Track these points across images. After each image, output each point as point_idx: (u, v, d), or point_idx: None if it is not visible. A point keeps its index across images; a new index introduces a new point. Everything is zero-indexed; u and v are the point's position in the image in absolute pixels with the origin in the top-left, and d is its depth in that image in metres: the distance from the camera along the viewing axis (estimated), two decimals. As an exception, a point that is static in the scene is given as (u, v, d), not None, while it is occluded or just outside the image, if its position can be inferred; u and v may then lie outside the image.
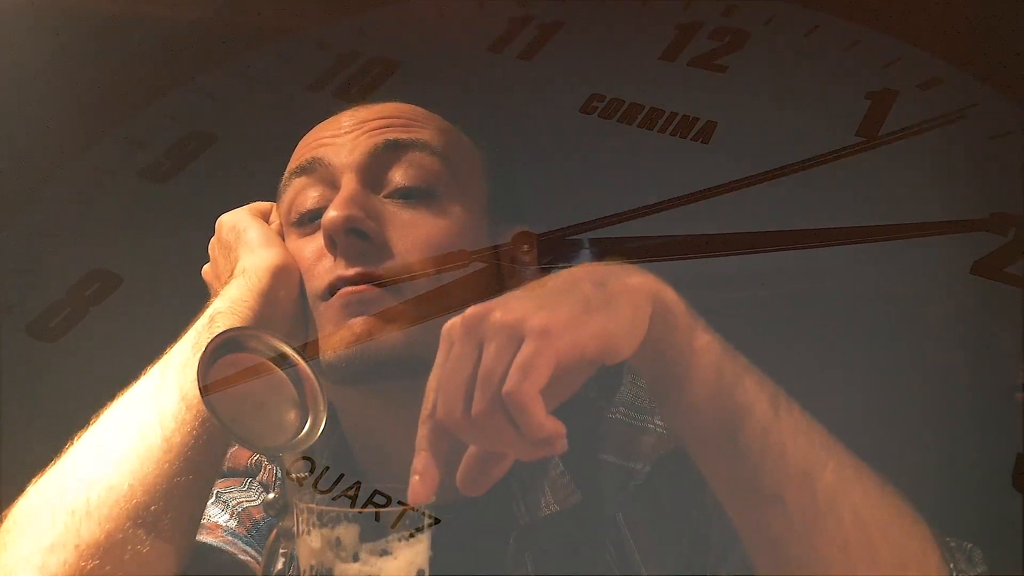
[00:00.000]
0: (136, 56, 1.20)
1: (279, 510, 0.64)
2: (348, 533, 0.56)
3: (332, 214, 0.71)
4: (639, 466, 0.70)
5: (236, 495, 0.77)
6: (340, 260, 0.72)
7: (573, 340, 0.52)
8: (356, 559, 0.56)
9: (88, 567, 0.59)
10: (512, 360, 0.51)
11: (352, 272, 0.71)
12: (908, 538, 0.58)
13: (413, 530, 0.56)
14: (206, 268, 0.81)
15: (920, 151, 0.94)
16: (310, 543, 0.57)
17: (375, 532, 0.56)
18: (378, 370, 0.69)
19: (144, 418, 0.65)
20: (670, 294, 0.58)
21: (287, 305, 0.73)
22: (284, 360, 0.65)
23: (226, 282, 0.73)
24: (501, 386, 0.51)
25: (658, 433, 0.72)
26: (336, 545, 0.56)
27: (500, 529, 0.70)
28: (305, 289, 0.74)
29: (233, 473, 0.79)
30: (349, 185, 0.73)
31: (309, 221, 0.76)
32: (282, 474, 0.63)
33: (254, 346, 0.65)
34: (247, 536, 0.73)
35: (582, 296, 0.54)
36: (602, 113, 1.02)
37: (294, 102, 1.17)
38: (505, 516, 0.70)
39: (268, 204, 0.81)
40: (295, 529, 0.59)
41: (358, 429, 0.76)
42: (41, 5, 1.10)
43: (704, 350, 0.57)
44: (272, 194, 0.81)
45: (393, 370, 0.69)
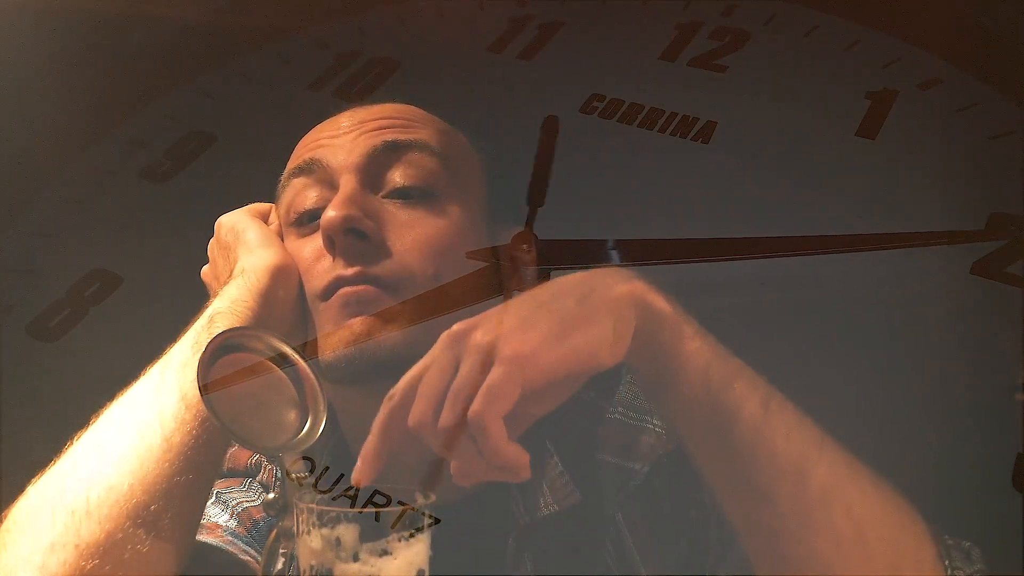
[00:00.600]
0: (136, 56, 1.20)
1: (279, 510, 0.64)
2: (348, 533, 0.56)
3: (331, 214, 0.71)
4: (638, 466, 0.70)
5: (236, 495, 0.77)
6: (339, 260, 0.72)
7: (544, 364, 0.55)
8: (356, 559, 0.56)
9: (88, 567, 0.59)
10: (482, 382, 0.54)
11: (351, 272, 0.71)
12: (903, 535, 0.58)
13: (413, 530, 0.56)
14: (205, 269, 0.81)
15: (920, 151, 0.94)
16: (310, 543, 0.57)
17: (375, 532, 0.56)
18: (377, 370, 0.69)
19: (144, 418, 0.65)
20: (658, 300, 0.59)
21: (286, 305, 0.73)
22: (284, 360, 0.65)
23: (225, 283, 0.73)
24: (468, 406, 0.53)
25: (657, 433, 0.72)
26: (336, 545, 0.56)
27: (499, 529, 0.70)
28: (304, 289, 0.74)
29: (233, 473, 0.79)
30: (348, 185, 0.73)
31: (308, 221, 0.76)
32: (282, 474, 0.63)
33: (254, 346, 0.65)
34: (247, 536, 0.73)
35: (564, 312, 0.57)
36: (602, 113, 1.02)
37: (294, 102, 1.17)
38: (504, 516, 0.70)
39: (267, 205, 0.81)
40: (295, 529, 0.59)
41: (358, 429, 0.76)
42: (41, 5, 1.10)
43: (693, 354, 0.58)
44: (272, 194, 0.81)
45: (392, 370, 0.68)
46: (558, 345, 0.55)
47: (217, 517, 0.74)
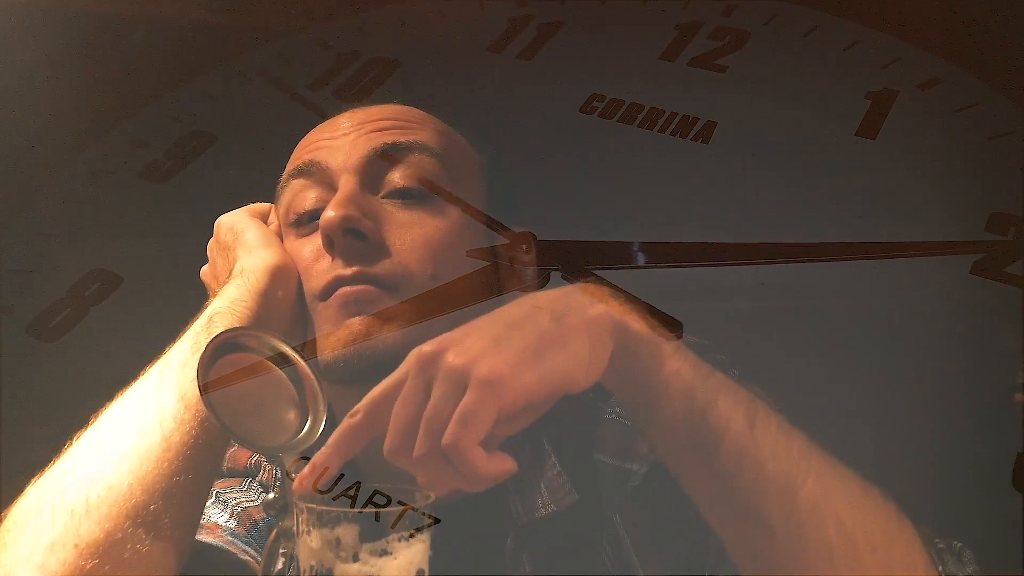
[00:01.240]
0: (136, 56, 1.20)
1: (279, 510, 0.64)
2: (348, 533, 0.56)
3: (330, 214, 0.71)
4: (635, 467, 0.70)
5: (236, 495, 0.77)
6: (338, 260, 0.72)
7: (519, 387, 0.53)
8: (356, 559, 0.56)
9: (88, 566, 0.59)
10: (456, 407, 0.52)
11: (350, 272, 0.71)
12: (894, 543, 0.57)
13: (413, 530, 0.56)
14: (204, 269, 0.81)
15: (920, 151, 0.94)
16: (310, 543, 0.56)
17: (375, 532, 0.56)
18: (377, 370, 0.68)
19: (143, 418, 0.65)
20: (634, 324, 0.58)
21: (285, 305, 0.73)
22: (283, 360, 0.65)
23: (224, 283, 0.73)
24: (442, 433, 0.52)
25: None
26: (336, 545, 0.56)
27: (498, 529, 0.70)
28: (303, 289, 0.74)
29: (233, 473, 0.79)
30: (347, 186, 0.73)
31: (307, 222, 0.76)
32: (282, 474, 0.63)
33: (253, 346, 0.65)
34: (247, 536, 0.73)
35: (538, 332, 0.55)
36: (602, 113, 1.02)
37: (294, 102, 1.17)
38: (503, 516, 0.70)
39: (266, 205, 0.81)
40: (295, 529, 0.59)
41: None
42: (41, 5, 1.10)
43: (673, 376, 0.57)
44: (272, 194, 0.81)
45: (391, 370, 0.68)
46: (533, 367, 0.53)
47: (217, 517, 0.74)
